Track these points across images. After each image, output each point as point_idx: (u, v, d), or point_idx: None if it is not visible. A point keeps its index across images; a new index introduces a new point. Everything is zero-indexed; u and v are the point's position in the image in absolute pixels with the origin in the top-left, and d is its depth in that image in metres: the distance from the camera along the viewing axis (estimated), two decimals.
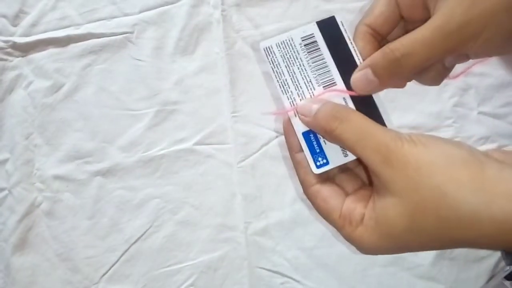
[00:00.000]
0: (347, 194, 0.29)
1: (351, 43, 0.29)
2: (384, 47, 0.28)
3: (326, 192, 0.28)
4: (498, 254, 0.49)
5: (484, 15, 0.26)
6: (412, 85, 0.29)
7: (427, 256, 0.49)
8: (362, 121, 0.26)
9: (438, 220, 0.23)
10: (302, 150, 0.29)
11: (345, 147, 0.27)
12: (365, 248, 0.27)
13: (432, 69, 0.30)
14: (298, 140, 0.29)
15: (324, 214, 0.29)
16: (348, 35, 0.30)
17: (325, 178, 0.30)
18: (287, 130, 0.30)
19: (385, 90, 0.29)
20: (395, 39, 0.28)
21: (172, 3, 0.55)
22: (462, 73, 0.51)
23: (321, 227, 0.51)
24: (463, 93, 0.53)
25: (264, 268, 0.51)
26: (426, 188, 0.23)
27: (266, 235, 0.51)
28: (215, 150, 0.53)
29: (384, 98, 0.30)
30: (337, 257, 0.50)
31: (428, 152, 0.24)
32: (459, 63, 0.31)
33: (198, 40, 0.55)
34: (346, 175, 0.30)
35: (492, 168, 0.23)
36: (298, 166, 0.30)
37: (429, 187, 0.23)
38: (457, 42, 0.26)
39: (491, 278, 0.49)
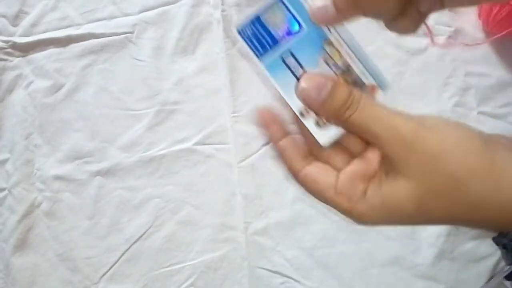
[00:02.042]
0: (339, 170, 0.28)
1: None
2: None
3: (315, 174, 0.28)
4: (498, 254, 0.49)
5: None
6: (412, 85, 0.29)
7: (427, 256, 0.49)
8: (374, 107, 0.26)
9: (448, 204, 0.25)
10: (284, 136, 0.29)
11: (357, 132, 0.27)
12: (364, 222, 0.27)
13: (406, 15, 0.28)
14: (279, 128, 0.29)
15: (317, 195, 0.28)
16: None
17: (313, 159, 0.29)
18: (266, 119, 0.30)
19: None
20: None
21: (172, 3, 0.55)
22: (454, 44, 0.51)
23: (321, 227, 0.51)
24: (463, 93, 0.53)
25: (264, 268, 0.51)
26: (441, 174, 0.25)
27: (266, 235, 0.51)
28: (215, 150, 0.53)
29: (384, 99, 0.29)
30: (337, 257, 0.50)
31: (444, 140, 0.26)
32: (435, 11, 0.30)
33: (198, 40, 0.55)
34: (334, 149, 0.29)
35: (501, 159, 0.25)
36: (283, 154, 0.30)
37: (444, 174, 0.25)
38: None
39: (491, 278, 0.49)
